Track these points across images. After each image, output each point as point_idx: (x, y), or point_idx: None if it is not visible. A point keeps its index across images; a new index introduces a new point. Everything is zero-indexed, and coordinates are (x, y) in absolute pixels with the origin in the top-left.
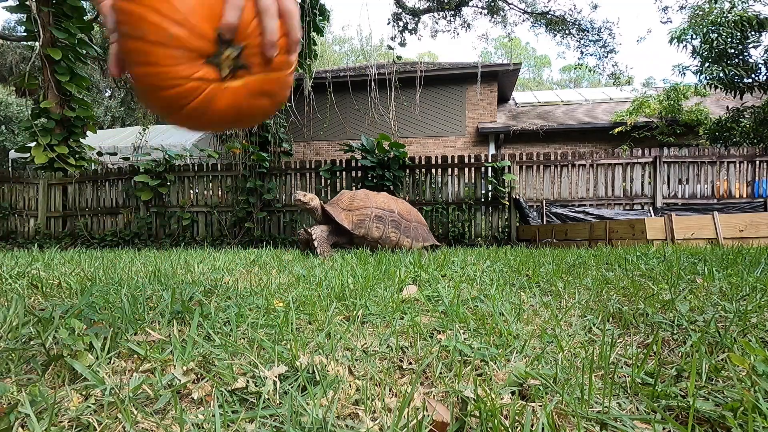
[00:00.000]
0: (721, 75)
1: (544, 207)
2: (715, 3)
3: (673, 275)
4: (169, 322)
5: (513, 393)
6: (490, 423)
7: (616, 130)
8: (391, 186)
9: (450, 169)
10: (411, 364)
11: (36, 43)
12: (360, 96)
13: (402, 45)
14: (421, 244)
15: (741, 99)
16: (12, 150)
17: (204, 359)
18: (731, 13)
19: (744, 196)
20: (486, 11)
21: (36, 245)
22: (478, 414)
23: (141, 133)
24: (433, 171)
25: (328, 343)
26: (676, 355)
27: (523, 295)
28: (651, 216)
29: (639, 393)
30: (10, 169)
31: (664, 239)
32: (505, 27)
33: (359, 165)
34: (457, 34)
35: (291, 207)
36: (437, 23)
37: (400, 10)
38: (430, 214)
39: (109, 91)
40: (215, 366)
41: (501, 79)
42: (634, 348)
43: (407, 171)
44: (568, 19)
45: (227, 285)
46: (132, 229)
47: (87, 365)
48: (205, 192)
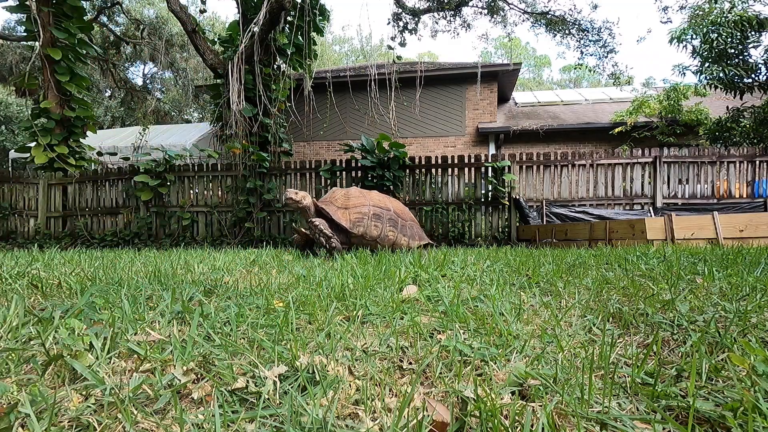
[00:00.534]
0: (721, 75)
1: (544, 207)
2: (715, 3)
3: (673, 275)
4: (169, 322)
5: (513, 393)
6: (490, 423)
7: (616, 130)
8: (391, 186)
9: (450, 169)
10: (411, 364)
11: (36, 43)
12: (360, 96)
13: (402, 45)
14: (418, 242)
15: (741, 99)
16: (12, 150)
17: (204, 359)
18: (731, 13)
19: (744, 196)
20: (486, 11)
21: (36, 245)
22: (478, 414)
23: (141, 133)
24: (433, 171)
25: (328, 343)
26: (676, 355)
27: (523, 295)
28: (651, 216)
29: (639, 393)
30: (10, 169)
31: (664, 239)
32: (505, 27)
33: (359, 165)
34: (457, 34)
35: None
36: (437, 23)
37: (400, 10)
38: (430, 214)
39: (109, 91)
40: (215, 366)
41: (501, 79)
42: (634, 348)
43: (407, 171)
44: (568, 19)
45: (227, 285)
46: (132, 229)
47: (87, 365)
48: (205, 192)
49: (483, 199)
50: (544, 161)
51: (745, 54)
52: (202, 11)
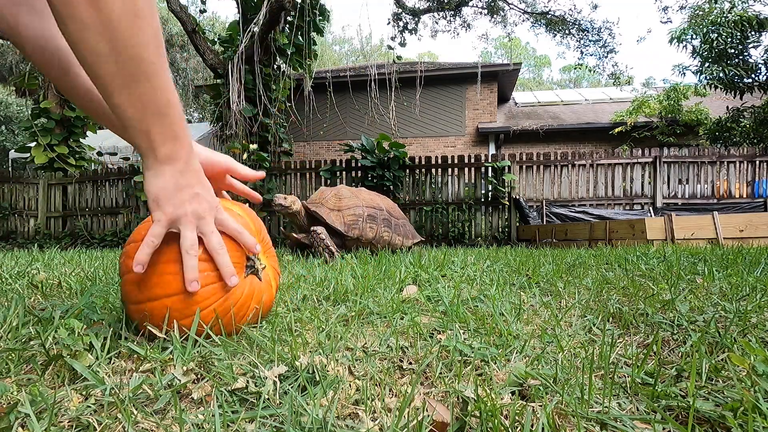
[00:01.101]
0: (721, 75)
1: (544, 207)
2: (715, 3)
3: (673, 275)
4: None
5: (513, 393)
6: (490, 423)
7: (616, 130)
8: (391, 186)
9: (450, 169)
10: (411, 364)
11: None
12: (360, 96)
13: (402, 45)
14: (411, 241)
15: (741, 99)
16: (12, 150)
17: (204, 359)
18: (731, 13)
19: (744, 196)
20: (486, 11)
21: (36, 245)
22: (478, 414)
23: None
24: (433, 171)
25: (328, 343)
26: (676, 355)
27: (523, 295)
28: (651, 216)
29: (639, 393)
30: (10, 169)
31: (664, 239)
32: (505, 27)
33: (359, 165)
34: (457, 34)
35: None
36: (437, 23)
37: (400, 10)
38: (430, 214)
39: None
40: (215, 366)
41: (501, 79)
42: (634, 348)
43: (407, 171)
44: (568, 19)
45: None
46: (132, 229)
47: (87, 365)
48: None
49: (483, 199)
50: (544, 161)
51: (745, 54)
52: (202, 11)
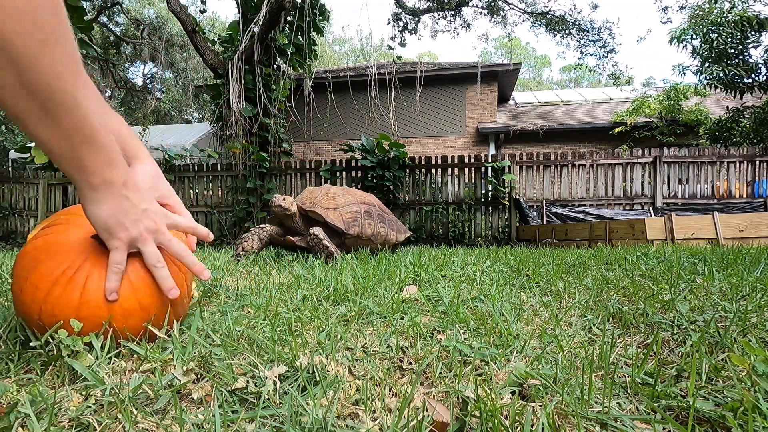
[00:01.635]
0: (721, 75)
1: (544, 207)
2: (715, 3)
3: (673, 275)
4: (169, 321)
5: (513, 393)
6: (490, 423)
7: (616, 130)
8: (391, 186)
9: (450, 169)
10: (411, 364)
11: None
12: (360, 96)
13: (402, 45)
14: (404, 235)
15: (741, 99)
16: (12, 150)
17: (204, 359)
18: (731, 13)
19: (744, 196)
20: (486, 11)
21: None
22: (478, 414)
23: (141, 133)
24: (433, 171)
25: (328, 343)
26: (676, 355)
27: (523, 295)
28: (651, 216)
29: (639, 393)
30: (10, 169)
31: (664, 239)
32: (505, 27)
33: (359, 165)
34: (457, 34)
35: None
36: (437, 23)
37: (400, 10)
38: (430, 214)
39: (109, 91)
40: (215, 366)
41: (501, 79)
42: (634, 348)
43: (407, 171)
44: (568, 19)
45: (227, 285)
46: None
47: (87, 365)
48: (205, 192)
49: (483, 199)
50: (544, 161)
51: (745, 54)
52: (202, 11)
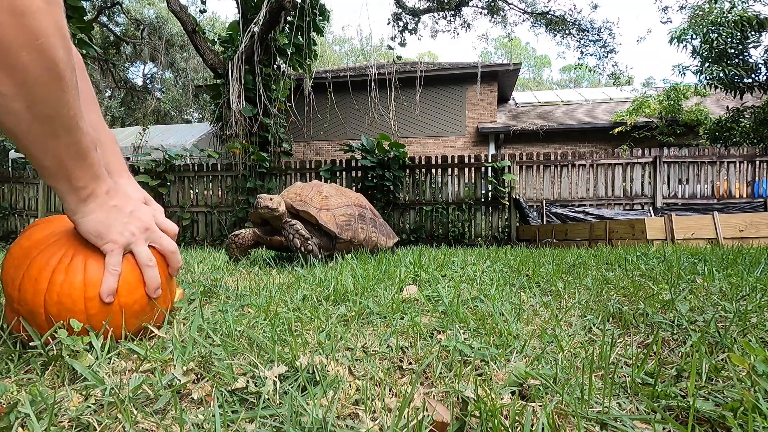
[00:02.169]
0: (721, 75)
1: (544, 207)
2: (715, 3)
3: (673, 275)
4: (169, 321)
5: (513, 393)
6: (490, 423)
7: (616, 130)
8: (391, 186)
9: (450, 169)
10: (411, 364)
11: None
12: (360, 96)
13: (402, 45)
14: (392, 241)
15: (741, 99)
16: (12, 150)
17: (204, 359)
18: (731, 13)
19: (744, 196)
20: (486, 11)
21: None
22: (478, 414)
23: (141, 133)
24: (433, 171)
25: (328, 343)
26: (676, 355)
27: (523, 295)
28: (651, 216)
29: (639, 393)
30: (10, 169)
31: (664, 239)
32: (505, 27)
33: (359, 165)
34: (457, 34)
35: None
36: (437, 23)
37: (400, 10)
38: (430, 214)
39: (109, 91)
40: (215, 366)
41: (501, 79)
42: (634, 348)
43: (407, 171)
44: (568, 19)
45: (227, 285)
46: None
47: (87, 365)
48: (205, 192)
49: (483, 199)
50: (544, 161)
51: (745, 54)
52: (202, 11)
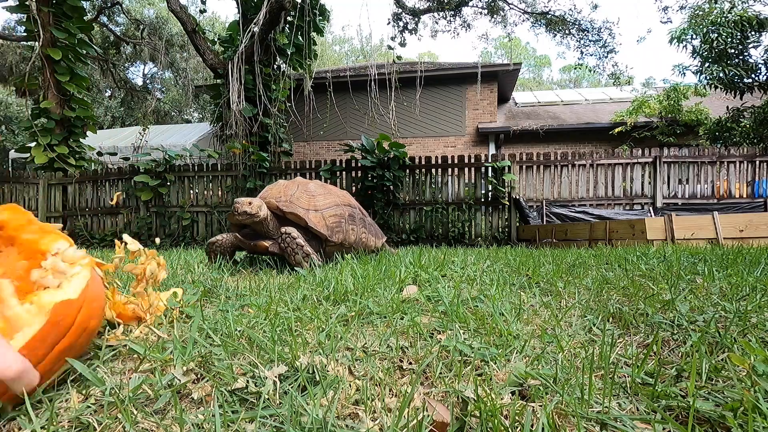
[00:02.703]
0: (721, 75)
1: (544, 207)
2: (715, 3)
3: (673, 275)
4: (170, 321)
5: (513, 393)
6: (490, 423)
7: (616, 130)
8: (391, 186)
9: (450, 169)
10: (411, 364)
11: (36, 43)
12: (360, 96)
13: (402, 45)
14: (381, 240)
15: (741, 99)
16: (12, 150)
17: (204, 359)
18: (731, 13)
19: (744, 196)
20: (486, 11)
21: None
22: (478, 414)
23: (141, 133)
24: (433, 171)
25: (328, 343)
26: (676, 355)
27: (523, 295)
28: (651, 216)
29: (639, 393)
30: (10, 169)
31: (664, 239)
32: (505, 27)
33: (359, 165)
34: (457, 34)
35: None
36: (437, 23)
37: (400, 10)
38: (430, 214)
39: (109, 91)
40: (215, 366)
41: (501, 79)
42: (634, 348)
43: (407, 171)
44: (568, 19)
45: (227, 285)
46: (132, 229)
47: (87, 365)
48: (205, 192)
49: (483, 199)
50: (544, 161)
51: (745, 54)
52: (202, 11)
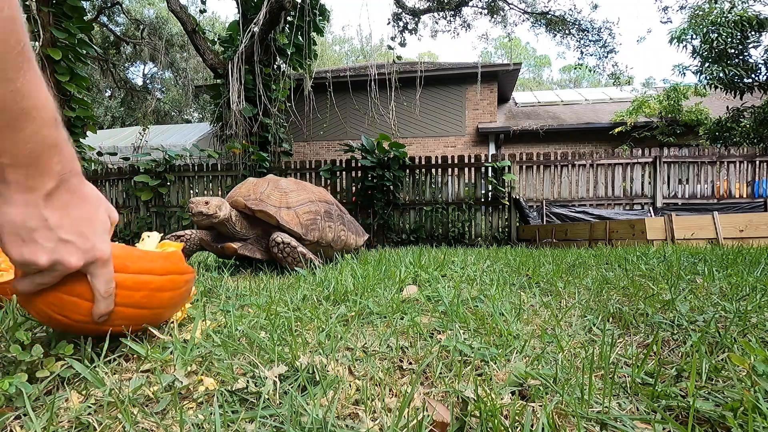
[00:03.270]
0: (721, 75)
1: (544, 207)
2: (715, 3)
3: (673, 275)
4: (170, 321)
5: (513, 393)
6: (490, 423)
7: (616, 130)
8: (391, 186)
9: (450, 169)
10: (411, 364)
11: (36, 43)
12: (360, 96)
13: (402, 45)
14: (362, 239)
15: (741, 99)
16: None
17: (204, 359)
18: (731, 13)
19: (744, 196)
20: (486, 11)
21: None
22: (478, 414)
23: (141, 133)
24: (433, 171)
25: (328, 343)
26: (676, 355)
27: (523, 295)
28: (651, 216)
29: (639, 393)
30: None
31: (664, 239)
32: (505, 27)
33: (359, 165)
34: (457, 34)
35: None
36: (437, 23)
37: (400, 10)
38: (430, 214)
39: (109, 91)
40: (215, 366)
41: (501, 79)
42: (634, 348)
43: (407, 171)
44: (568, 19)
45: (227, 285)
46: (132, 229)
47: (87, 365)
48: (205, 192)
49: (483, 199)
50: (544, 161)
51: (745, 54)
52: (202, 11)
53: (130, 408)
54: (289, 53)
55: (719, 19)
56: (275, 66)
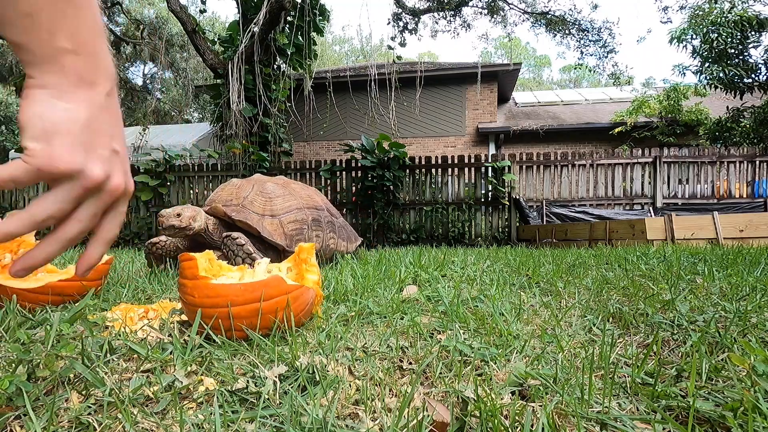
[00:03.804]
0: (721, 75)
1: (544, 207)
2: (715, 3)
3: (673, 275)
4: (170, 321)
5: (513, 393)
6: (490, 423)
7: (616, 130)
8: (391, 186)
9: (450, 169)
10: (411, 364)
11: None
12: (360, 96)
13: (402, 45)
14: (354, 244)
15: (741, 99)
16: (12, 150)
17: (204, 359)
18: (731, 13)
19: (744, 196)
20: (486, 11)
21: None
22: (478, 414)
23: (141, 133)
24: (433, 171)
25: (328, 343)
26: (676, 355)
27: (523, 295)
28: (651, 216)
29: (639, 393)
30: None
31: (664, 239)
32: (505, 27)
33: (359, 165)
34: (457, 34)
35: None
36: (437, 23)
37: (400, 10)
38: (430, 214)
39: None
40: (215, 366)
41: (501, 79)
42: (634, 348)
43: (407, 171)
44: (568, 19)
45: None
46: (132, 229)
47: (87, 365)
48: (205, 192)
49: (483, 199)
50: (544, 161)
51: (745, 54)
52: (202, 11)
53: (130, 408)
54: (289, 53)
55: (719, 19)
56: (275, 66)
